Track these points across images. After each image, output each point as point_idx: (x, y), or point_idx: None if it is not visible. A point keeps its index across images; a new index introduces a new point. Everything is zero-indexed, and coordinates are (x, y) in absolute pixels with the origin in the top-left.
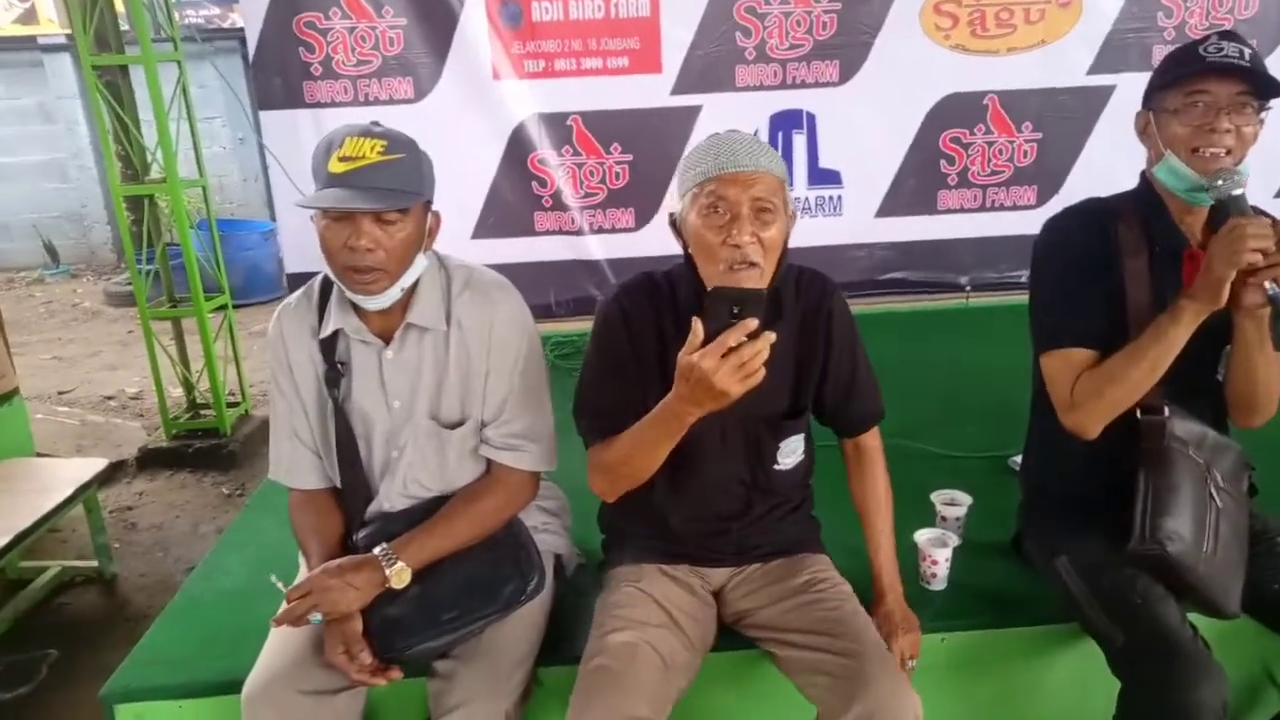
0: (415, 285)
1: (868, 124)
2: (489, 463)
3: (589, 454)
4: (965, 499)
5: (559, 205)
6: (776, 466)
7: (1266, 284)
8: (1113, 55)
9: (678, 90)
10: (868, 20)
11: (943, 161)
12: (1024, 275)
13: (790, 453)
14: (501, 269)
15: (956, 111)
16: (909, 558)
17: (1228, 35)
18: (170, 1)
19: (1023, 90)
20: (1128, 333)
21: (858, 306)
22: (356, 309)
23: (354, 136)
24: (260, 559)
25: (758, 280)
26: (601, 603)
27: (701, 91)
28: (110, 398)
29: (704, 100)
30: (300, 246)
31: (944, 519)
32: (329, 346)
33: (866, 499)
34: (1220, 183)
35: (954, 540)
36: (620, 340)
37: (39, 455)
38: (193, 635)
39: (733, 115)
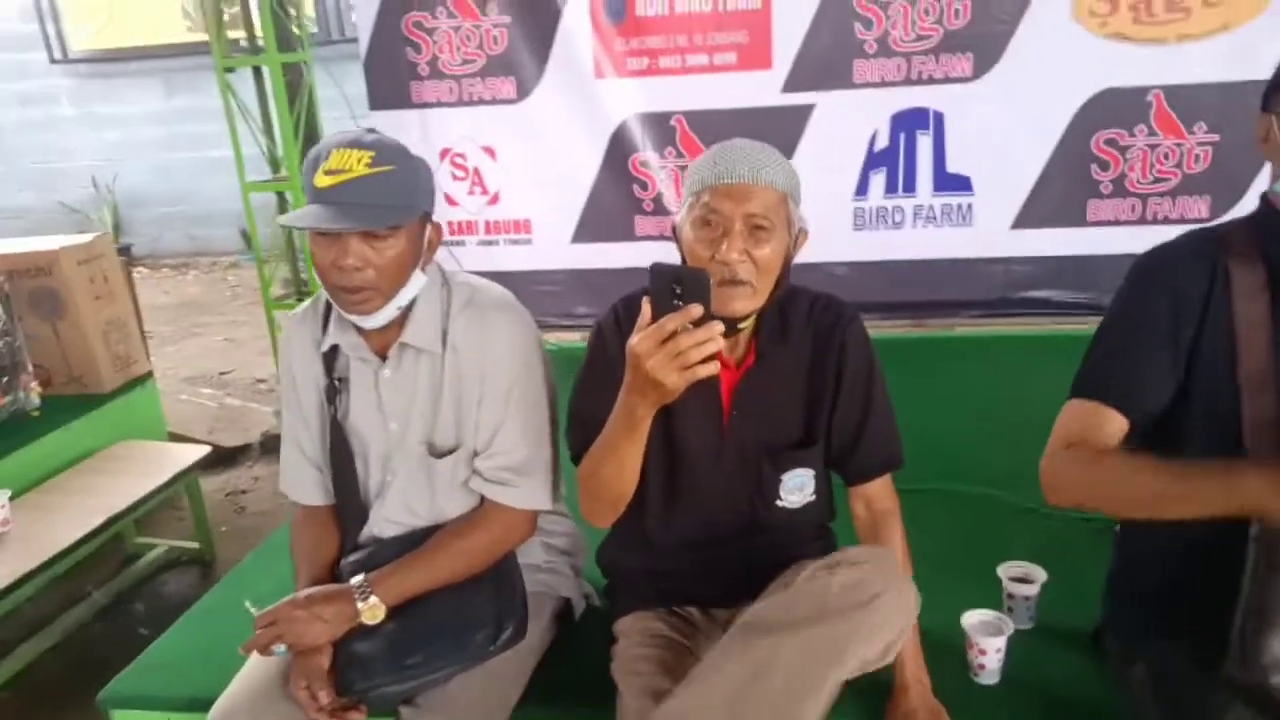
0: (413, 302)
1: (1005, 124)
2: (481, 496)
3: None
4: (1040, 574)
5: (660, 209)
6: (780, 503)
7: None
8: None
9: (789, 88)
10: (1009, 6)
11: (1095, 166)
12: None
13: (796, 489)
14: (601, 274)
15: (1113, 109)
16: (957, 640)
17: None
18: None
19: (1196, 85)
20: (1237, 393)
21: (988, 326)
22: (355, 325)
23: (340, 148)
24: (288, 574)
25: (749, 300)
26: (615, 662)
27: (815, 89)
28: (261, 380)
29: (817, 99)
30: None
31: (1011, 597)
32: (330, 360)
33: None
34: None
35: (1010, 628)
36: (610, 350)
37: (172, 436)
38: (199, 646)
39: (850, 114)
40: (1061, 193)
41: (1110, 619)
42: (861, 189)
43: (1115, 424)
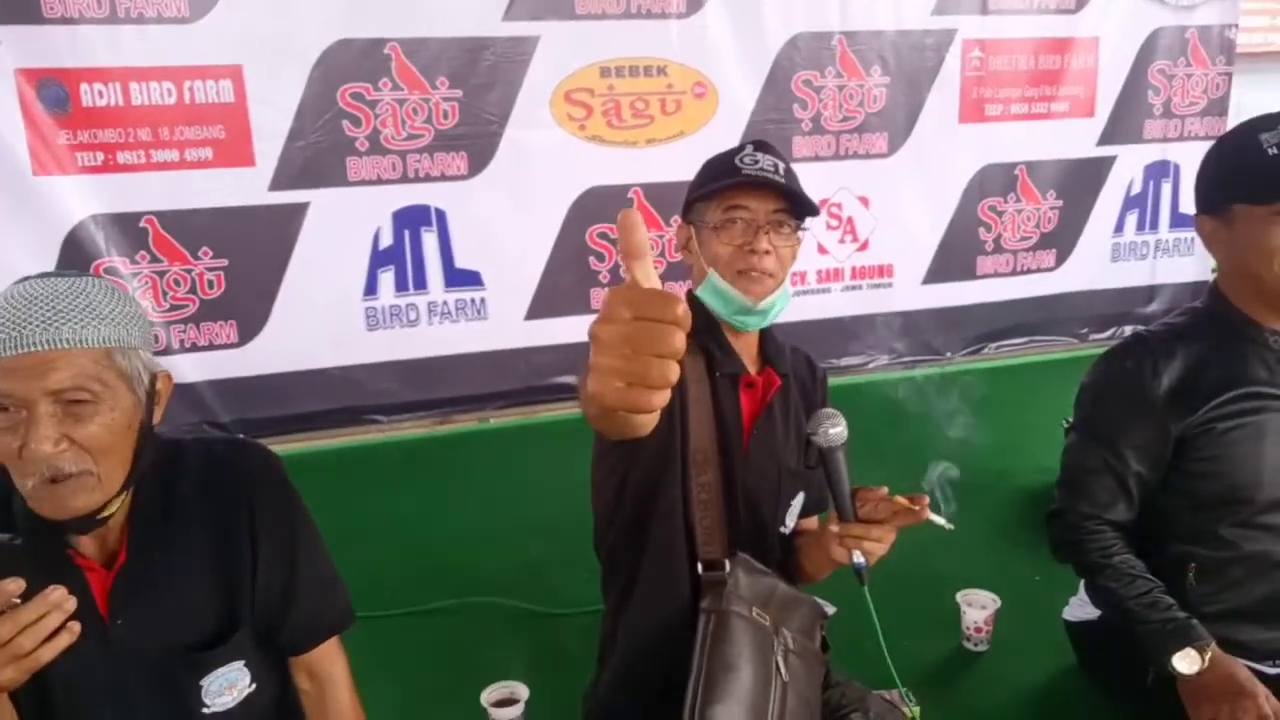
0: None
1: (506, 220)
2: None
3: None
4: (523, 691)
5: None
6: (208, 710)
7: (855, 555)
8: None
9: (277, 185)
10: (494, 109)
11: (592, 258)
12: None
13: (224, 689)
14: None
15: (600, 204)
16: None
17: (762, 146)
18: None
19: (666, 183)
20: (686, 468)
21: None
22: None
23: None
24: None
25: (91, 493)
26: None
27: (307, 187)
28: None
29: (311, 196)
30: None
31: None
32: None
33: None
34: (822, 432)
35: None
36: None
37: None
38: None
39: (349, 212)
40: (568, 284)
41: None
42: (371, 288)
43: None
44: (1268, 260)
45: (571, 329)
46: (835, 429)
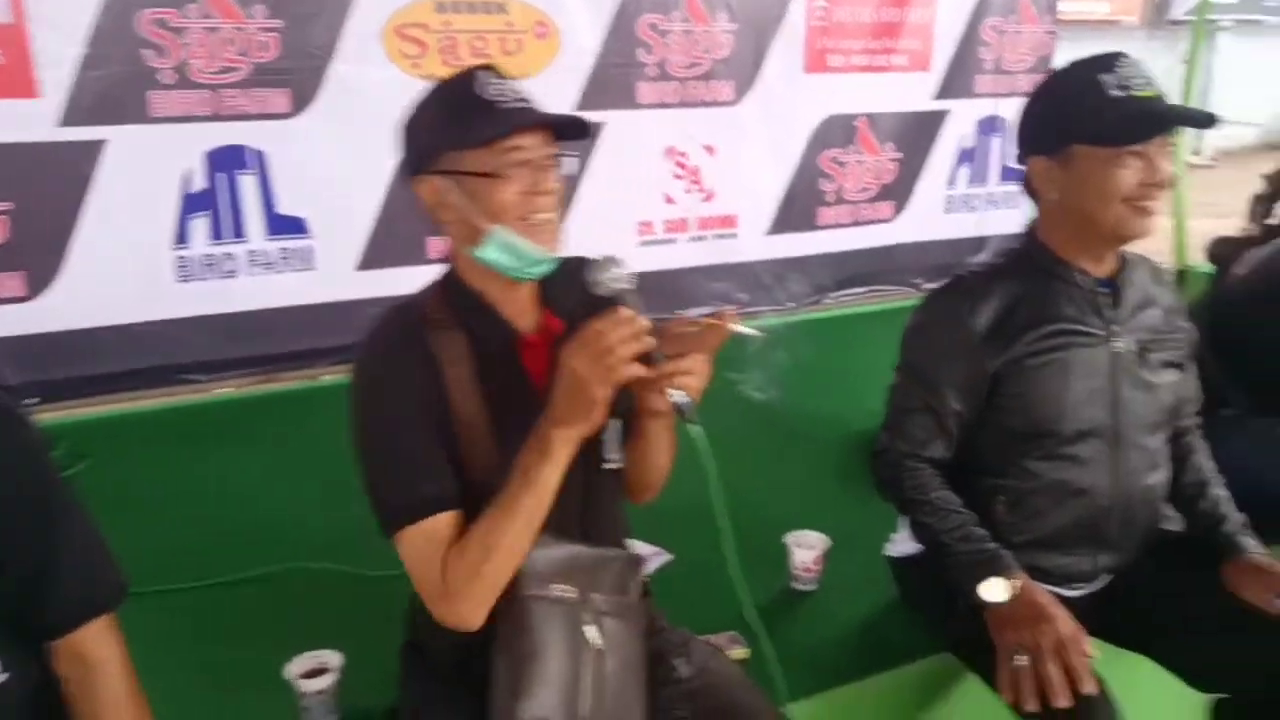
0: None
1: (336, 163)
2: None
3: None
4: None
5: None
6: None
7: (670, 393)
8: (599, 91)
9: (69, 120)
10: (320, 41)
11: None
12: None
13: None
14: None
15: None
16: None
17: (494, 70)
18: None
19: None
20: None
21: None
22: None
23: None
24: None
25: None
26: None
27: (104, 123)
28: None
29: (109, 133)
30: None
31: (304, 695)
32: None
33: None
34: (607, 276)
35: None
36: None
37: None
38: None
39: (153, 152)
40: (405, 232)
41: (404, 695)
42: (182, 236)
43: (449, 526)
44: (1107, 201)
45: (408, 280)
46: (615, 271)
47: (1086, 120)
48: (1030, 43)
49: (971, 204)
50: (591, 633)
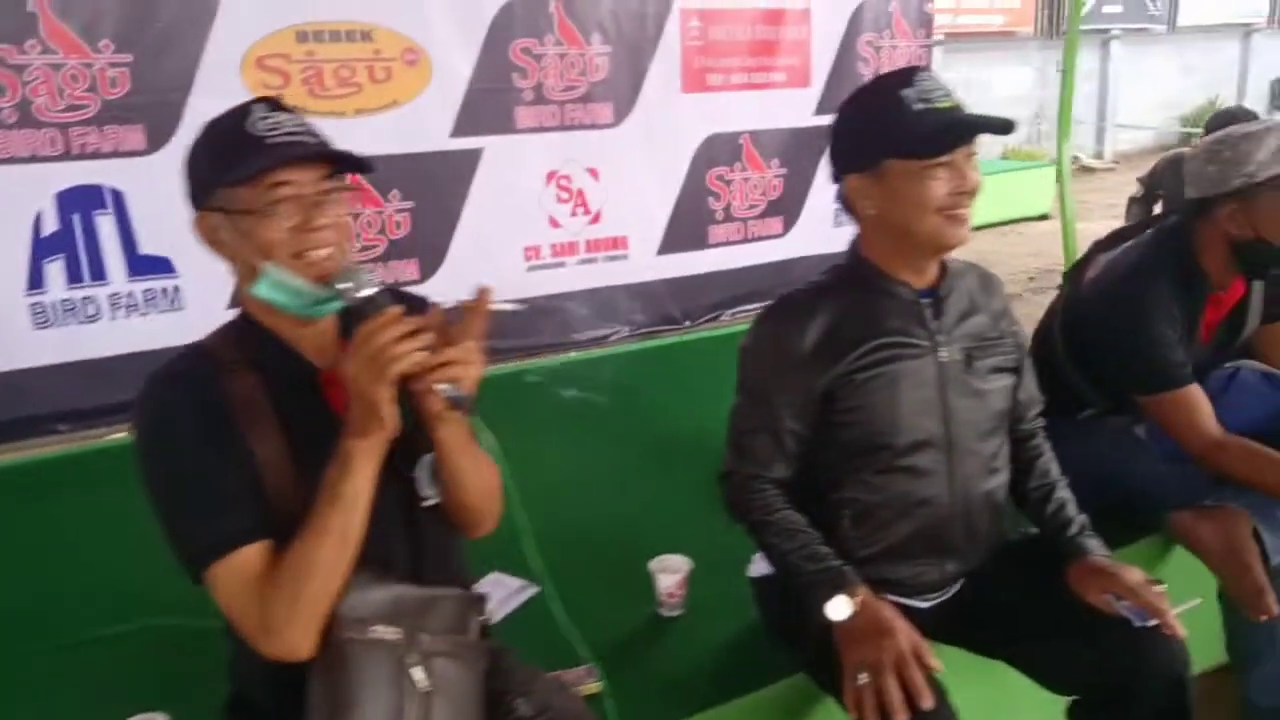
0: None
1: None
2: None
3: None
4: None
5: None
6: None
7: (438, 388)
8: (474, 116)
9: None
10: (172, 76)
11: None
12: None
13: None
14: None
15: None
16: None
17: (272, 103)
18: None
19: (382, 156)
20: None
21: None
22: None
23: None
24: None
25: None
26: None
27: None
28: None
29: None
30: None
31: None
32: None
33: None
34: (348, 285)
35: None
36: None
37: None
38: None
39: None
40: None
41: None
42: (36, 281)
43: (255, 560)
44: (922, 212)
45: None
46: (359, 278)
47: (894, 136)
48: (907, 56)
49: None
50: (418, 674)
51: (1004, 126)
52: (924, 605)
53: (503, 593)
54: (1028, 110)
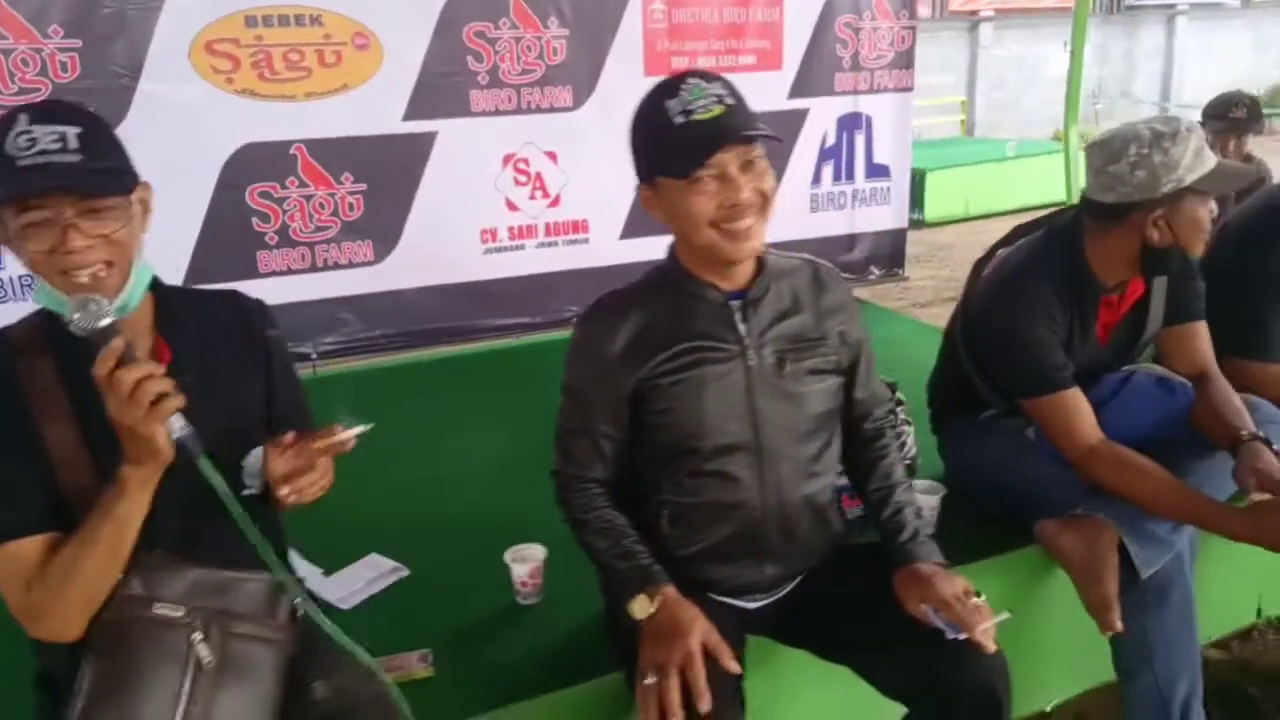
0: None
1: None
2: None
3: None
4: None
5: None
6: None
7: (170, 425)
8: (428, 100)
9: None
10: (122, 60)
11: (255, 219)
12: None
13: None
14: None
15: (259, 163)
16: None
17: (49, 113)
18: None
19: (335, 139)
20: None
21: None
22: None
23: None
24: None
25: None
26: None
27: None
28: None
29: None
30: None
31: None
32: None
33: None
34: (79, 316)
35: None
36: None
37: None
38: None
39: None
40: (229, 248)
41: None
42: None
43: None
44: (695, 227)
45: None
46: (92, 309)
47: (654, 151)
48: (889, 38)
49: (839, 201)
50: (203, 650)
51: (763, 134)
52: (751, 606)
53: (372, 573)
54: (1084, 89)
